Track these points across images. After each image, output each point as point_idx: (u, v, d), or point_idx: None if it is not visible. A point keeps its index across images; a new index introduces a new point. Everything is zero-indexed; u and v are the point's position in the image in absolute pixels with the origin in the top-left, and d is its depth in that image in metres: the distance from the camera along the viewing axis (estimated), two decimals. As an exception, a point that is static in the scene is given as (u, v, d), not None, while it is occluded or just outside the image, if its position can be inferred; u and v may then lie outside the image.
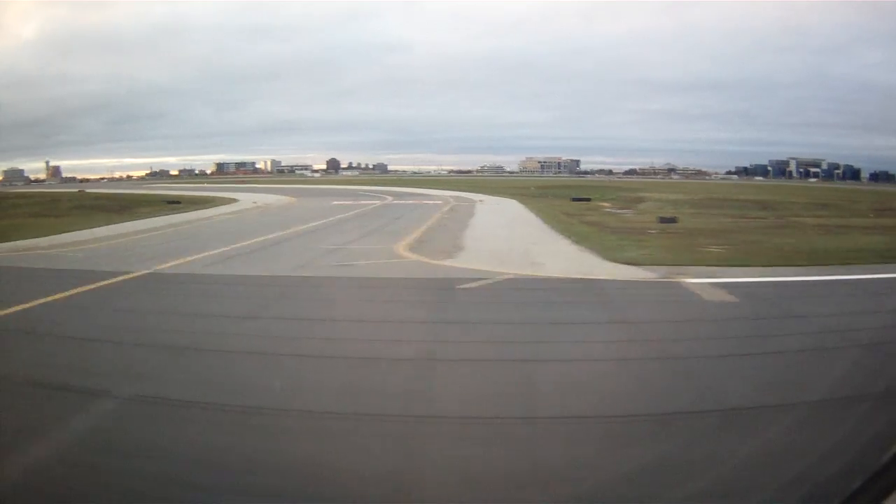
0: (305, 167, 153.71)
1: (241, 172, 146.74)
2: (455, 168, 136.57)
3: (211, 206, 29.97)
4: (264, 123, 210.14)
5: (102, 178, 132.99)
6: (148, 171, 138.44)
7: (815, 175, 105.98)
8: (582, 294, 8.68)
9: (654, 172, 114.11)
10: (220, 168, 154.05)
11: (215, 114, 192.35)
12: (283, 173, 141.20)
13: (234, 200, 34.30)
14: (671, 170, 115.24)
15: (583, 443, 3.81)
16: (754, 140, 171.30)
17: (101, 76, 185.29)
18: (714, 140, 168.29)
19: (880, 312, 7.51)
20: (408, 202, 33.49)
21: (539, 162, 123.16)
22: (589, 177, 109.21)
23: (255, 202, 32.83)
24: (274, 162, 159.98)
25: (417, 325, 6.85)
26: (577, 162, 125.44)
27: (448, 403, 4.52)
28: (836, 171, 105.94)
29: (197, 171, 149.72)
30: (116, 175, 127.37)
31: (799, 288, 8.93)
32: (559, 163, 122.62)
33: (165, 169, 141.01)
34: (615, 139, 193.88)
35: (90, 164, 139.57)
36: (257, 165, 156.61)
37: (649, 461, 3.43)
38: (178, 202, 32.17)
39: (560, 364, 5.45)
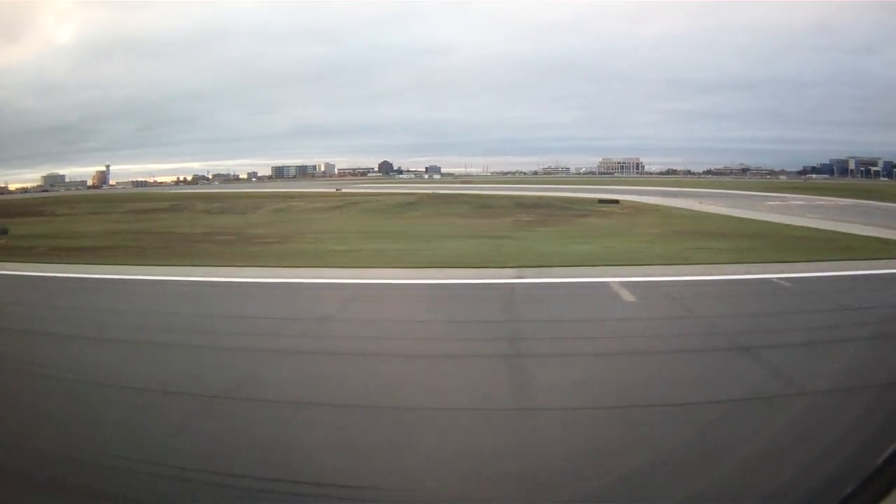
0: (368, 170, 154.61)
1: (307, 176, 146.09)
2: (504, 170, 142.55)
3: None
4: (296, 127, 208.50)
5: (152, 182, 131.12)
6: (192, 177, 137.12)
7: (877, 174, 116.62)
8: None
9: (729, 172, 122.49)
10: (279, 172, 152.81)
11: (247, 118, 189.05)
12: (355, 176, 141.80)
13: (660, 204, 32.69)
14: (744, 170, 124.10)
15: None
16: (825, 139, 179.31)
17: (134, 81, 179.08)
18: (764, 139, 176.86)
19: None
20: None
21: (618, 163, 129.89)
22: (665, 177, 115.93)
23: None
24: (328, 165, 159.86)
25: None
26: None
27: None
28: (894, 169, 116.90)
29: (231, 176, 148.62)
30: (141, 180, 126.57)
31: None
32: (636, 163, 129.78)
33: (199, 174, 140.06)
34: (648, 139, 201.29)
35: (114, 171, 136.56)
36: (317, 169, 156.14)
37: None
38: (616, 201, 33.34)
39: None
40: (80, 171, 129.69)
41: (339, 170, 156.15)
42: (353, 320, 7.78)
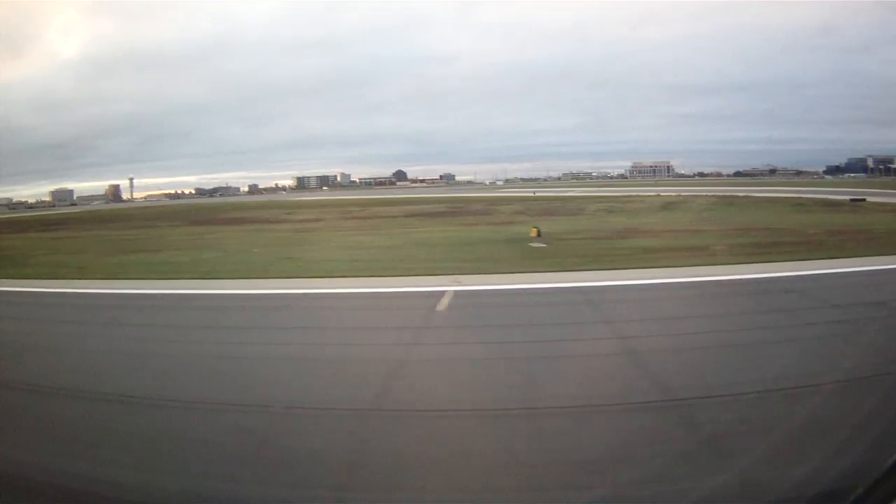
0: (385, 179, 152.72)
1: (336, 186, 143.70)
2: (501, 177, 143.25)
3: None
4: (292, 139, 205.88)
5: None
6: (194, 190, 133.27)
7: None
8: None
9: (760, 173, 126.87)
10: (301, 183, 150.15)
11: (244, 131, 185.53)
12: (383, 185, 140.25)
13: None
14: (773, 170, 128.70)
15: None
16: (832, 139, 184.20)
17: (137, 95, 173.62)
18: (762, 140, 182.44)
19: None
20: None
21: (651, 166, 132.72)
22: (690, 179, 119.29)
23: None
24: (343, 175, 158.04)
25: None
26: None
27: None
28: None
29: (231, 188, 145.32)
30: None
31: None
32: (667, 167, 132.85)
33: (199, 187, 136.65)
34: (649, 142, 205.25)
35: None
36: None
37: None
38: (864, 199, 35.16)
39: None
40: (75, 186, 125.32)
41: (360, 178, 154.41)
42: None
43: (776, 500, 3.15)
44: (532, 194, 57.62)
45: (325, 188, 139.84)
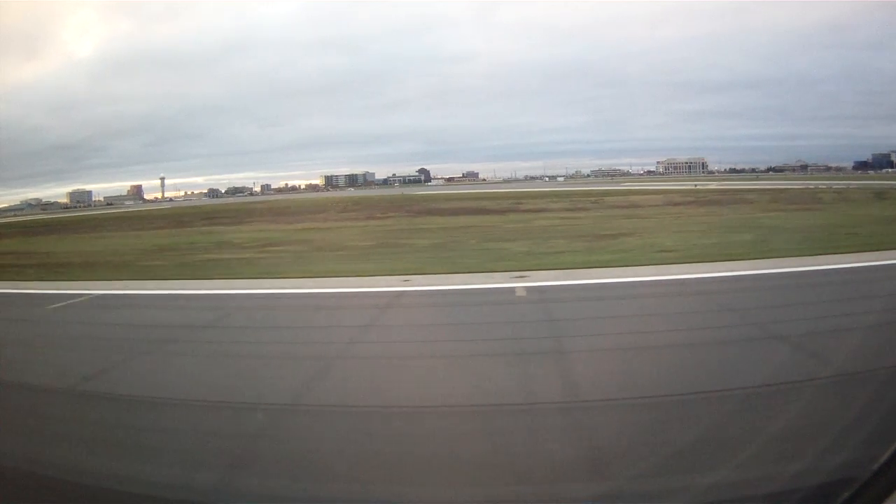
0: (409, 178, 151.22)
1: (369, 185, 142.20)
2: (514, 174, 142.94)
3: None
4: (307, 138, 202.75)
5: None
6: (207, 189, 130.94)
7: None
8: None
9: (791, 169, 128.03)
10: (329, 181, 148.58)
11: (258, 131, 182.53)
12: (403, 184, 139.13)
13: None
14: (804, 166, 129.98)
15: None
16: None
17: (152, 95, 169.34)
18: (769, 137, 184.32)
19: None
20: None
21: (687, 162, 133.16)
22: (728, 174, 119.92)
23: None
24: (367, 174, 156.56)
25: None
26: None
27: None
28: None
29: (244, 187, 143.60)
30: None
31: None
32: (702, 163, 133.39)
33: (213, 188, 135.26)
34: (664, 140, 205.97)
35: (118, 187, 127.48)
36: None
37: None
38: None
39: None
40: (88, 187, 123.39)
41: (387, 177, 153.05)
42: None
43: (764, 499, 3.16)
44: (694, 187, 56.91)
45: (399, 184, 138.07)
